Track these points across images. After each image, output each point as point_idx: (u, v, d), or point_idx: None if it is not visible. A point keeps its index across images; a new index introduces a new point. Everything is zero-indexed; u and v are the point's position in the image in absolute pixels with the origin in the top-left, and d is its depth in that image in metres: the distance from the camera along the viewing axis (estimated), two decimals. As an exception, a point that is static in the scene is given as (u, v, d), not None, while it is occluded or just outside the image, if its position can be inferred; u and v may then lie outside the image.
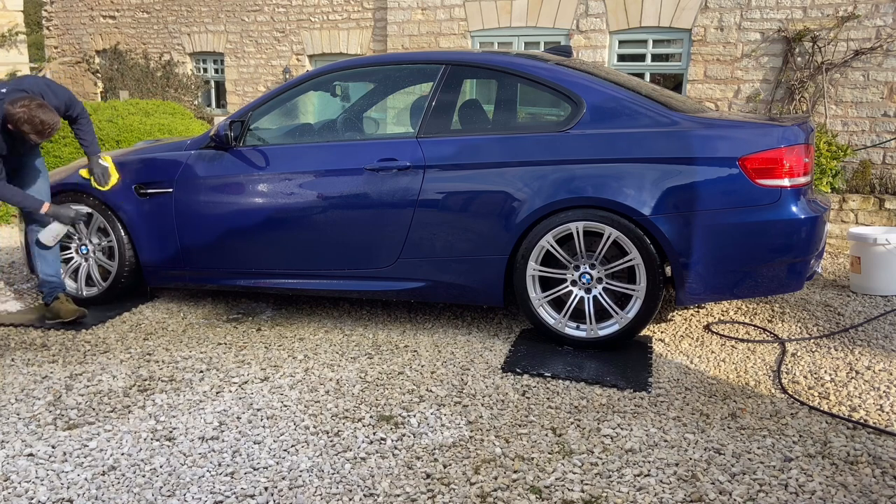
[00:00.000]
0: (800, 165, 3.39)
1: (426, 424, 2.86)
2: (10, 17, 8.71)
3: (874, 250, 4.64)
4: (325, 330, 4.02)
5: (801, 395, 3.16)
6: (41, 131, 3.66)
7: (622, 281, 3.56)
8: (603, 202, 3.45)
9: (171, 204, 4.11)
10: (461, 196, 3.68)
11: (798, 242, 3.39)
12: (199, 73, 11.81)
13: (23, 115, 3.59)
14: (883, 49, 6.92)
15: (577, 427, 2.83)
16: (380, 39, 9.86)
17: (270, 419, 2.90)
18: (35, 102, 3.64)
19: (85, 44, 12.74)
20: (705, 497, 2.34)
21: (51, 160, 6.58)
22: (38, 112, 3.63)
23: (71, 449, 2.67)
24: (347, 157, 3.86)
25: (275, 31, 10.80)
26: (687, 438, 2.73)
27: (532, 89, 3.86)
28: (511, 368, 3.39)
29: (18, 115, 3.60)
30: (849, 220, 6.27)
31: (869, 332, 3.94)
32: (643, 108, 3.56)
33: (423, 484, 2.43)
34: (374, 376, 3.33)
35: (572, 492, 2.38)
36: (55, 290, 4.09)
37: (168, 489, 2.41)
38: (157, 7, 11.85)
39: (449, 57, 3.97)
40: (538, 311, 3.65)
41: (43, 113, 3.65)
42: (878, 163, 7.09)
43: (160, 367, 3.47)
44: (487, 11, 8.80)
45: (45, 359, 3.56)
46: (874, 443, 2.70)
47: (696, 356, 3.61)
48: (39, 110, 3.64)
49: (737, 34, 7.50)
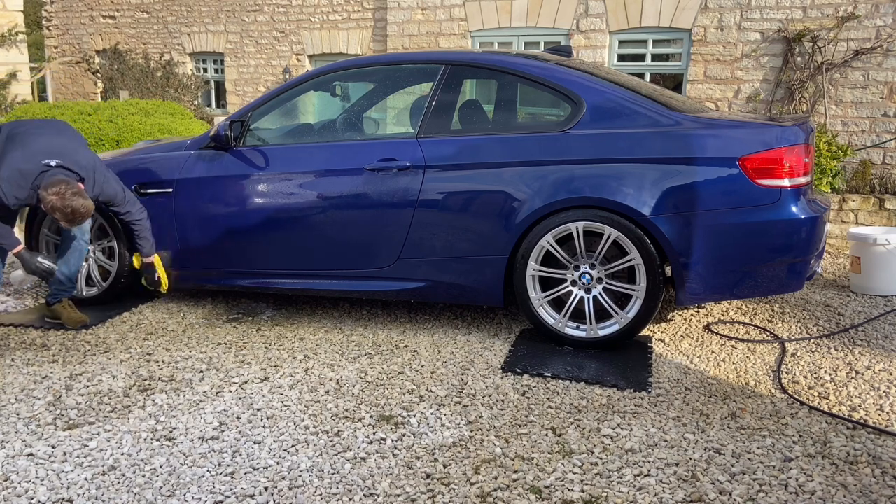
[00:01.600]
0: (800, 165, 3.39)
1: (426, 424, 2.86)
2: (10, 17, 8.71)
3: (874, 250, 4.64)
4: (325, 330, 4.02)
5: (801, 395, 3.16)
6: (71, 220, 3.55)
7: (622, 281, 3.56)
8: (603, 202, 3.45)
9: (171, 204, 4.11)
10: (461, 196, 3.68)
11: (798, 242, 3.39)
12: (199, 73, 11.81)
13: (54, 203, 3.48)
14: (883, 49, 6.93)
15: (577, 427, 2.83)
16: (380, 39, 9.86)
17: (270, 419, 2.90)
18: (71, 190, 3.49)
19: (85, 44, 12.74)
20: (705, 497, 2.34)
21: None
22: (72, 200, 3.49)
23: (71, 449, 2.67)
24: (347, 157, 3.86)
25: (275, 31, 10.80)
26: (687, 438, 2.73)
27: (532, 89, 3.86)
28: (511, 368, 3.39)
29: (50, 201, 3.48)
30: (849, 220, 6.27)
31: (869, 332, 3.94)
32: (643, 108, 3.56)
33: (423, 484, 2.43)
34: (374, 376, 3.33)
35: (572, 492, 2.38)
36: (62, 294, 4.04)
37: (168, 489, 2.41)
38: (157, 7, 11.85)
39: (449, 57, 3.97)
40: (538, 311, 3.65)
41: (75, 201, 3.50)
42: (878, 163, 7.09)
43: (160, 367, 3.47)
44: (487, 11, 8.80)
45: (45, 359, 3.56)
46: (874, 443, 2.70)
47: (696, 356, 3.61)
48: (74, 199, 3.50)
49: (737, 34, 7.50)
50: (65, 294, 4.05)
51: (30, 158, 3.59)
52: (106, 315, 4.21)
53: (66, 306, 4.03)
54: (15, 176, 3.53)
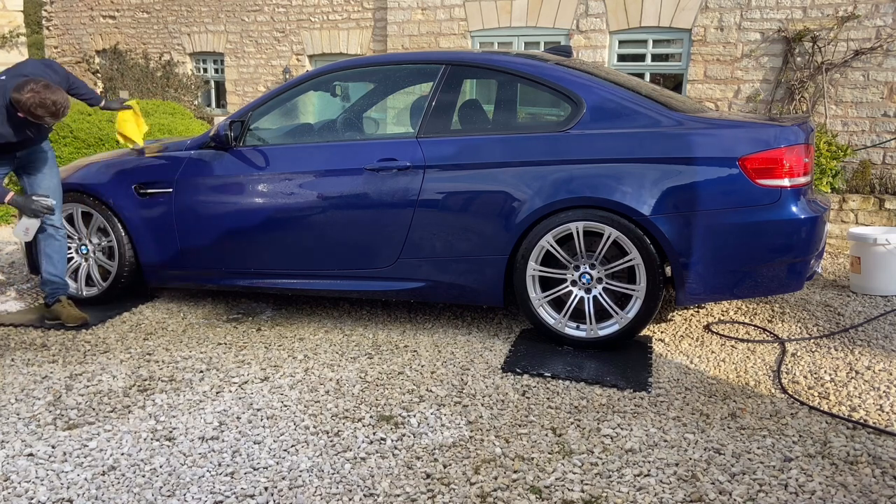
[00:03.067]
0: (800, 165, 3.39)
1: (426, 424, 2.86)
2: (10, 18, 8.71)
3: (874, 250, 4.64)
4: (325, 330, 4.02)
5: (801, 395, 3.16)
6: (55, 112, 3.53)
7: (622, 281, 3.56)
8: (603, 202, 3.45)
9: (171, 204, 4.11)
10: (461, 196, 3.68)
11: (798, 242, 3.39)
12: (199, 73, 11.81)
13: (33, 100, 3.46)
14: (883, 49, 6.92)
15: (577, 427, 2.83)
16: (380, 39, 9.86)
17: (270, 419, 2.90)
18: (41, 84, 3.49)
19: (85, 44, 12.74)
20: (705, 497, 2.34)
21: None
22: (47, 93, 3.48)
23: (71, 449, 2.67)
24: (347, 157, 3.86)
25: (275, 31, 10.80)
26: (687, 438, 2.73)
27: (532, 89, 3.86)
28: (511, 368, 3.39)
29: (28, 101, 3.46)
30: (849, 220, 6.27)
31: (869, 332, 3.94)
32: (643, 108, 3.56)
33: (423, 484, 2.43)
34: (374, 376, 3.33)
35: (572, 492, 2.38)
36: (57, 292, 4.05)
37: (168, 489, 2.41)
38: (157, 7, 11.85)
39: (449, 57, 3.97)
40: (538, 311, 3.65)
41: (52, 93, 3.50)
42: (878, 163, 7.09)
43: (160, 367, 3.47)
44: (487, 11, 8.80)
45: (45, 359, 3.56)
46: (874, 443, 2.70)
47: (696, 356, 3.61)
48: (47, 91, 3.49)
49: (737, 34, 7.50)
50: (60, 292, 4.05)
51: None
52: (106, 315, 4.21)
53: (65, 305, 4.02)
54: None
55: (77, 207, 4.27)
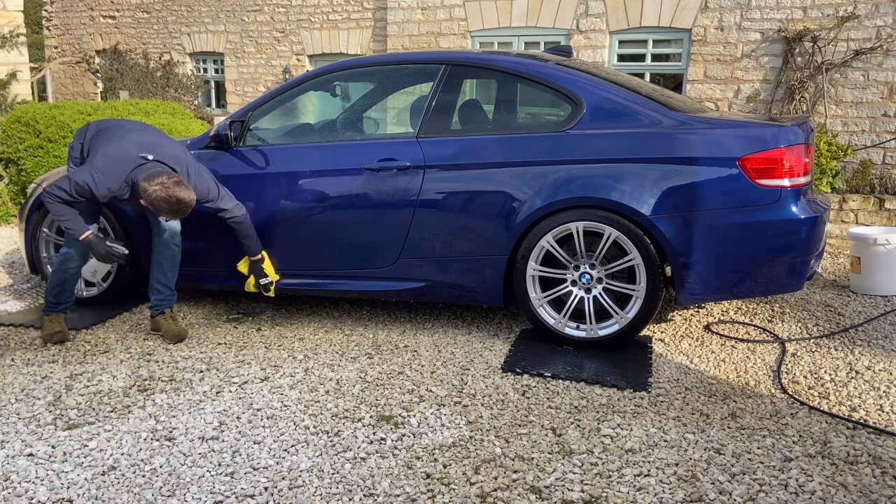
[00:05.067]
0: (800, 165, 3.39)
1: (426, 424, 2.86)
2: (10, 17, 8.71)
3: (874, 250, 4.64)
4: (325, 330, 4.02)
5: (801, 395, 3.16)
6: (175, 210, 3.40)
7: (622, 281, 3.56)
8: (603, 202, 3.45)
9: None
10: (461, 196, 3.68)
11: (798, 242, 3.39)
12: (199, 73, 11.80)
13: (159, 194, 3.34)
14: (883, 49, 6.92)
15: (577, 427, 2.83)
16: (380, 39, 9.86)
17: (270, 419, 2.90)
18: (173, 181, 3.37)
19: (85, 44, 12.73)
20: (705, 497, 2.34)
21: (50, 160, 6.58)
22: (176, 190, 3.35)
23: (71, 449, 2.67)
24: (347, 157, 3.86)
25: (275, 31, 10.80)
26: (687, 438, 2.73)
27: (532, 89, 3.86)
28: (511, 368, 3.39)
29: (154, 194, 3.34)
30: (849, 220, 6.27)
31: (869, 332, 3.94)
32: (643, 108, 3.56)
33: (423, 484, 2.43)
34: (374, 376, 3.33)
35: (572, 492, 2.38)
36: (163, 304, 3.86)
37: (168, 489, 2.41)
38: (157, 7, 11.85)
39: (449, 57, 3.97)
40: (538, 311, 3.65)
41: (180, 191, 3.36)
42: (878, 163, 7.09)
43: (160, 367, 3.47)
44: (487, 11, 8.80)
45: (45, 359, 3.56)
46: (874, 443, 2.70)
47: (696, 356, 3.61)
48: (177, 189, 3.35)
49: (737, 34, 7.50)
50: (166, 304, 3.86)
51: (126, 149, 3.48)
52: (106, 315, 4.20)
53: (168, 318, 3.85)
54: (110, 167, 3.42)
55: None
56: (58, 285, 3.78)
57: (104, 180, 3.41)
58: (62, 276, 3.78)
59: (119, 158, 3.46)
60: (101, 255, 3.59)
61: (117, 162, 3.45)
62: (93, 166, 3.43)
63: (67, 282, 3.80)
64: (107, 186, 3.42)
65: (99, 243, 3.59)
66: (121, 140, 3.54)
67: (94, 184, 3.39)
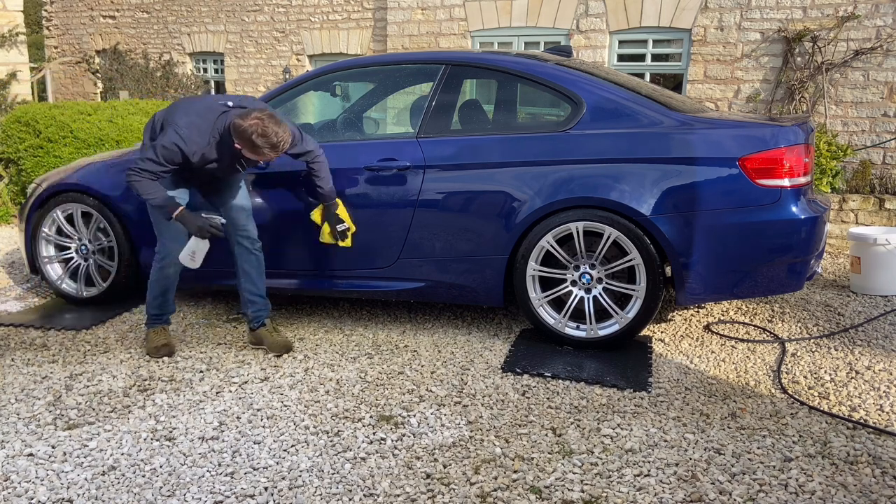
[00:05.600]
0: (800, 165, 3.39)
1: (426, 424, 2.86)
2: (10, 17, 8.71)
3: (874, 250, 4.64)
4: (325, 330, 4.02)
5: (801, 395, 3.16)
6: (275, 144, 3.16)
7: (622, 281, 3.56)
8: (603, 202, 3.45)
9: (171, 204, 4.10)
10: (461, 196, 3.68)
11: (798, 242, 3.39)
12: (198, 73, 11.80)
13: (257, 128, 3.12)
14: (883, 49, 6.92)
15: (577, 427, 2.83)
16: (380, 39, 9.86)
17: (270, 419, 2.90)
18: (267, 113, 3.18)
19: (85, 44, 12.73)
20: (705, 497, 2.34)
21: (50, 160, 6.58)
22: (272, 124, 3.15)
23: (71, 449, 2.67)
24: (347, 157, 3.86)
25: (275, 31, 10.80)
26: (687, 438, 2.73)
27: (532, 89, 3.86)
28: (511, 368, 3.38)
29: (252, 128, 3.12)
30: (849, 220, 6.27)
31: (869, 332, 3.94)
32: (643, 107, 3.56)
33: (423, 484, 2.43)
34: (374, 376, 3.33)
35: (572, 492, 2.38)
36: (261, 315, 3.68)
37: (168, 489, 2.41)
38: (157, 7, 11.84)
39: (449, 57, 3.97)
40: (538, 311, 3.65)
41: (278, 125, 3.17)
42: (878, 163, 7.08)
43: (160, 367, 3.47)
44: (487, 11, 8.79)
45: (45, 359, 3.56)
46: (874, 443, 2.70)
47: (696, 356, 3.61)
48: (272, 122, 3.16)
49: (737, 34, 7.50)
50: (265, 315, 3.69)
51: (204, 102, 3.34)
52: (106, 315, 4.20)
53: (271, 330, 3.69)
54: (194, 120, 3.25)
55: (77, 207, 4.26)
56: (159, 295, 3.61)
57: (191, 135, 3.22)
58: (164, 285, 3.60)
59: (200, 109, 3.30)
60: (199, 229, 3.38)
61: (199, 113, 3.28)
62: (175, 125, 3.23)
63: (169, 290, 3.63)
64: (195, 141, 3.23)
65: (194, 217, 3.40)
66: (193, 102, 3.40)
67: (182, 141, 3.20)
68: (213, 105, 3.34)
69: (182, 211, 3.36)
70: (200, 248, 3.45)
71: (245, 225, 3.63)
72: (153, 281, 3.60)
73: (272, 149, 3.19)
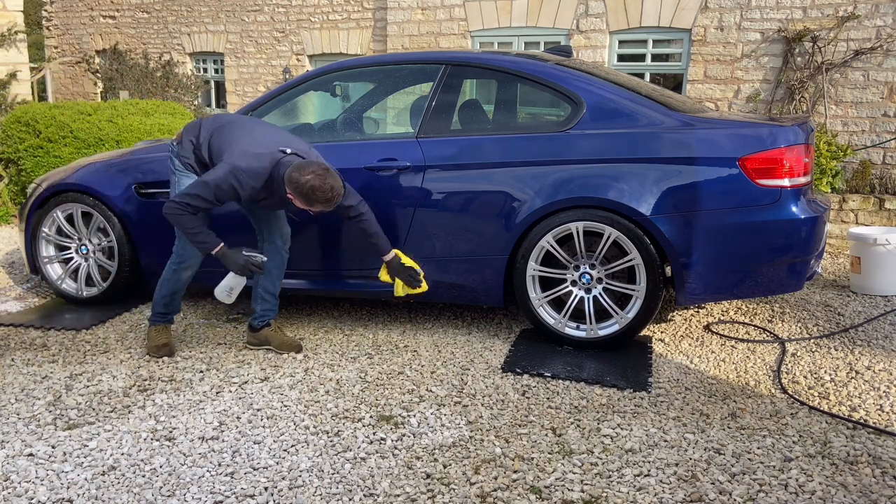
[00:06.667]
0: (800, 165, 3.39)
1: (426, 424, 2.86)
2: (10, 17, 8.71)
3: (874, 250, 4.64)
4: (325, 330, 4.02)
5: (801, 395, 3.16)
6: (330, 199, 3.14)
7: (622, 281, 3.56)
8: (603, 202, 3.45)
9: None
10: (461, 196, 3.68)
11: (798, 242, 3.39)
12: (198, 73, 11.80)
13: (314, 183, 3.08)
14: (883, 49, 6.92)
15: (577, 427, 2.83)
16: (380, 39, 9.86)
17: (270, 419, 2.90)
18: (323, 167, 3.13)
19: (85, 44, 12.73)
20: (705, 497, 2.34)
21: (50, 160, 6.58)
22: (330, 179, 3.11)
23: (71, 449, 2.67)
24: (347, 157, 3.86)
25: (275, 31, 10.80)
26: (687, 438, 2.73)
27: (532, 89, 3.86)
28: (511, 368, 3.38)
29: (308, 183, 3.08)
30: (849, 220, 6.27)
31: (869, 332, 3.94)
32: (643, 107, 3.56)
33: (423, 484, 2.43)
34: (374, 376, 3.33)
35: (572, 492, 2.38)
36: (269, 315, 3.68)
37: (168, 489, 2.41)
38: (157, 7, 11.84)
39: (449, 57, 3.97)
40: (538, 311, 3.65)
41: (334, 179, 3.13)
42: (878, 163, 7.08)
43: (160, 367, 3.47)
44: (487, 11, 8.79)
45: (45, 359, 3.56)
46: (874, 443, 2.70)
47: (696, 356, 3.61)
48: (329, 176, 3.11)
49: (737, 34, 7.50)
50: (271, 315, 3.68)
51: (261, 144, 3.26)
52: (106, 315, 4.20)
53: (276, 329, 3.70)
54: (251, 162, 3.18)
55: (77, 207, 4.26)
56: (168, 295, 3.58)
57: (248, 178, 3.17)
58: (176, 287, 3.57)
59: (258, 153, 3.22)
60: (240, 267, 3.28)
61: (257, 157, 3.20)
62: (233, 165, 3.16)
63: (179, 291, 3.61)
64: (251, 185, 3.19)
65: (236, 255, 3.28)
66: (251, 135, 3.32)
67: (238, 183, 3.15)
68: (270, 150, 3.25)
69: (223, 248, 3.26)
70: (238, 283, 3.38)
71: (281, 226, 3.61)
72: (165, 280, 3.57)
73: (325, 203, 3.16)
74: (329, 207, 3.19)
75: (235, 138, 3.30)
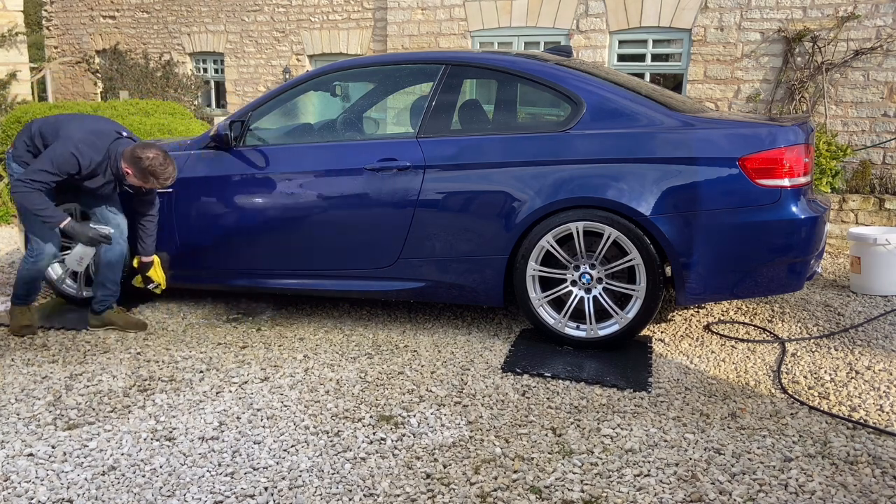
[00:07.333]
0: (800, 165, 3.39)
1: (426, 424, 2.86)
2: (10, 17, 8.71)
3: (874, 250, 4.64)
4: (325, 330, 4.02)
5: (801, 395, 3.16)
6: (165, 180, 3.57)
7: (622, 281, 3.56)
8: (603, 202, 3.45)
9: (171, 204, 4.10)
10: (461, 196, 3.68)
11: (798, 242, 3.39)
12: (199, 73, 11.80)
13: (155, 162, 3.49)
14: (883, 49, 6.92)
15: (577, 427, 2.83)
16: (380, 39, 9.86)
17: (270, 419, 2.90)
18: (164, 152, 3.55)
19: (85, 44, 12.73)
20: (705, 497, 2.34)
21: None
22: (168, 162, 3.55)
23: (71, 449, 2.67)
24: (347, 157, 3.86)
25: (275, 31, 10.80)
26: (687, 438, 2.73)
27: (532, 89, 3.86)
28: (511, 368, 3.39)
29: (150, 162, 3.49)
30: (849, 220, 6.27)
31: (869, 332, 3.94)
32: (643, 107, 3.56)
33: (423, 484, 2.43)
34: (374, 376, 3.33)
35: (572, 492, 2.38)
36: (110, 300, 3.97)
37: (168, 489, 2.41)
38: (157, 7, 11.85)
39: (449, 57, 3.97)
40: (538, 311, 3.65)
41: (172, 164, 3.58)
42: (878, 163, 7.09)
43: (160, 367, 3.47)
44: (487, 11, 8.80)
45: (45, 359, 3.56)
46: (874, 443, 2.70)
47: (696, 356, 3.61)
48: (168, 160, 3.55)
49: (737, 34, 7.50)
50: (112, 300, 3.98)
51: (98, 124, 3.63)
52: (106, 315, 4.20)
53: (119, 311, 3.99)
54: (90, 137, 3.53)
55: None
56: (29, 282, 3.83)
57: (88, 150, 3.49)
58: (35, 276, 3.82)
59: (96, 130, 3.57)
60: (88, 240, 3.64)
61: (96, 133, 3.55)
62: (71, 139, 3.50)
63: (38, 279, 3.86)
64: (90, 155, 3.50)
65: (83, 228, 3.63)
66: (84, 120, 3.69)
67: (79, 153, 3.45)
68: (108, 129, 3.64)
69: (70, 222, 3.58)
70: (87, 253, 3.74)
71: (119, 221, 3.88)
72: (25, 273, 3.81)
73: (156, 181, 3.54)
74: (160, 186, 3.60)
75: (70, 122, 3.63)
